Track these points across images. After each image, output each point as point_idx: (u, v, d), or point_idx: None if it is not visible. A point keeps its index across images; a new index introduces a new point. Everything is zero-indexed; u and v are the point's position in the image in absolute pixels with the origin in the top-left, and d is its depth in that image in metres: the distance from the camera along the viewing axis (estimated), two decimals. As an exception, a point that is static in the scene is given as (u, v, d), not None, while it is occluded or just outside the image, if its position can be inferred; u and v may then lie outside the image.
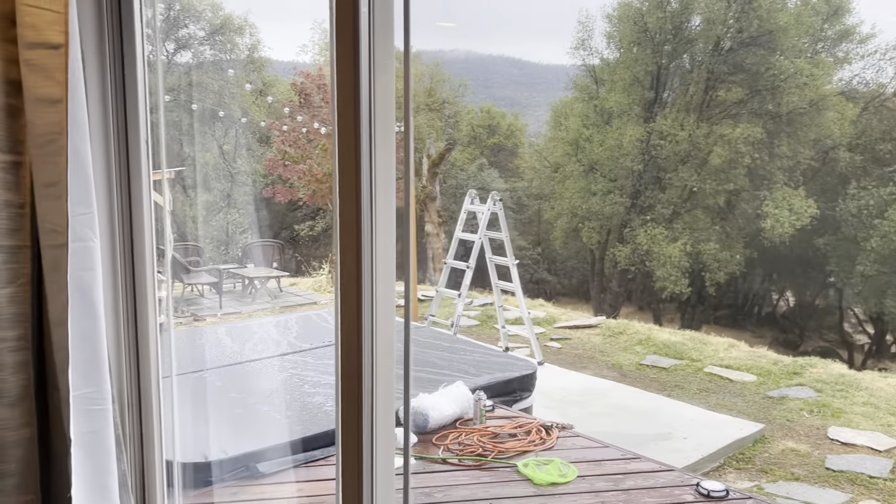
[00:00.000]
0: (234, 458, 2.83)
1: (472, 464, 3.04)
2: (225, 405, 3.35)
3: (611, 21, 18.22)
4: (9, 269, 1.82)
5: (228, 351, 4.33)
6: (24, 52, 1.74)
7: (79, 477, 1.87)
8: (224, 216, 15.07)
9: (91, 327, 1.88)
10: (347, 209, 1.39)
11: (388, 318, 1.48)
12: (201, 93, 15.14)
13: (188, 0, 16.04)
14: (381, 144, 1.37)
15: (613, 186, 17.86)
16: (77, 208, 1.84)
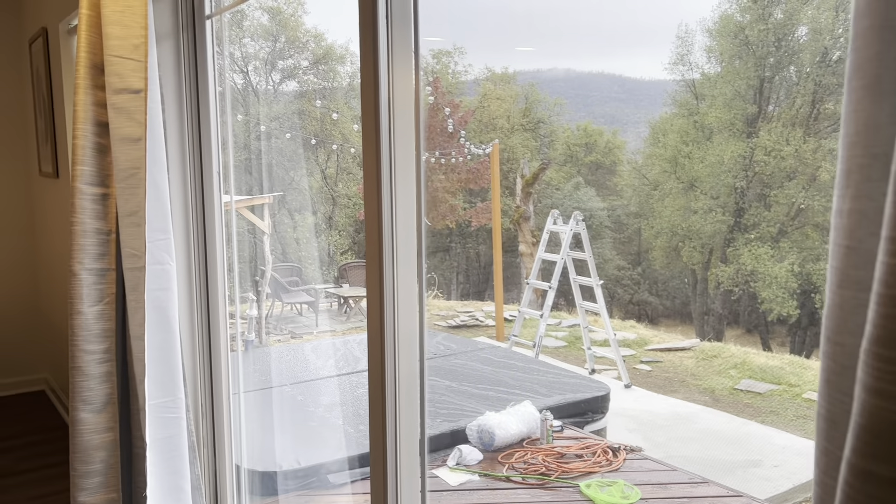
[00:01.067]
0: (307, 469, 2.99)
1: (535, 482, 3.07)
2: (302, 418, 3.54)
3: (711, 35, 17.75)
4: (97, 290, 2.05)
5: (312, 367, 4.55)
6: (110, 98, 1.98)
7: (154, 478, 2.06)
8: (325, 237, 15.68)
9: (167, 341, 2.08)
10: (372, 234, 1.50)
11: (411, 340, 1.56)
12: (304, 120, 15.89)
13: (293, 33, 16.92)
14: (402, 163, 1.46)
15: (715, 204, 17.27)
16: (155, 234, 2.05)
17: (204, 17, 2.20)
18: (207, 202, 2.29)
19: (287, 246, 14.08)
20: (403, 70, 1.44)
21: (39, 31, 3.63)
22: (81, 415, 2.03)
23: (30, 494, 3.02)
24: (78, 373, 2.02)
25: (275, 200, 10.47)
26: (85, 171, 2.02)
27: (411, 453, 1.60)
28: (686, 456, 5.07)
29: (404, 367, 1.55)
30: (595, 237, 18.84)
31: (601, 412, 4.07)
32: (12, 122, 4.28)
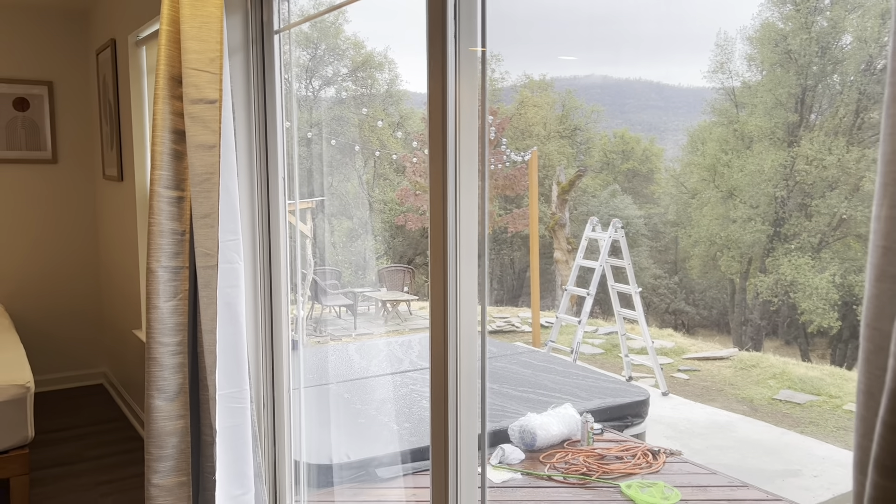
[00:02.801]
0: (356, 462, 3.12)
1: (576, 482, 3.15)
2: (350, 414, 3.67)
3: (751, 43, 17.60)
4: (172, 286, 2.20)
5: (356, 366, 4.69)
6: (187, 107, 2.13)
7: (221, 464, 2.20)
8: (361, 242, 15.90)
9: (235, 336, 2.22)
10: (437, 237, 1.61)
11: (471, 340, 1.67)
12: (343, 126, 16.15)
13: (333, 41, 17.22)
14: (466, 172, 1.57)
15: (754, 213, 17.09)
16: (226, 235, 2.19)
17: (273, 31, 2.34)
18: (273, 206, 2.43)
19: (325, 250, 14.34)
20: (468, 82, 1.55)
21: (108, 42, 3.84)
22: (156, 402, 2.18)
23: (99, 479, 3.20)
24: (153, 363, 2.17)
25: (316, 205, 10.70)
26: (162, 176, 2.17)
27: (470, 448, 1.71)
28: (724, 464, 5.08)
29: (465, 366, 1.65)
30: (631, 245, 18.75)
31: (640, 417, 4.13)
32: (79, 128, 4.51)
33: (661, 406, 6.33)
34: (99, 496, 3.05)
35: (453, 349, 1.65)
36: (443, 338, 1.65)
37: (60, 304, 4.56)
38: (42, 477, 3.20)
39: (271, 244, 2.48)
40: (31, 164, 4.37)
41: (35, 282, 4.47)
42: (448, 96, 1.54)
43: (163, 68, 2.16)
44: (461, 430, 1.70)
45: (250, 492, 2.28)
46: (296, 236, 8.49)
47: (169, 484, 2.21)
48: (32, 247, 4.45)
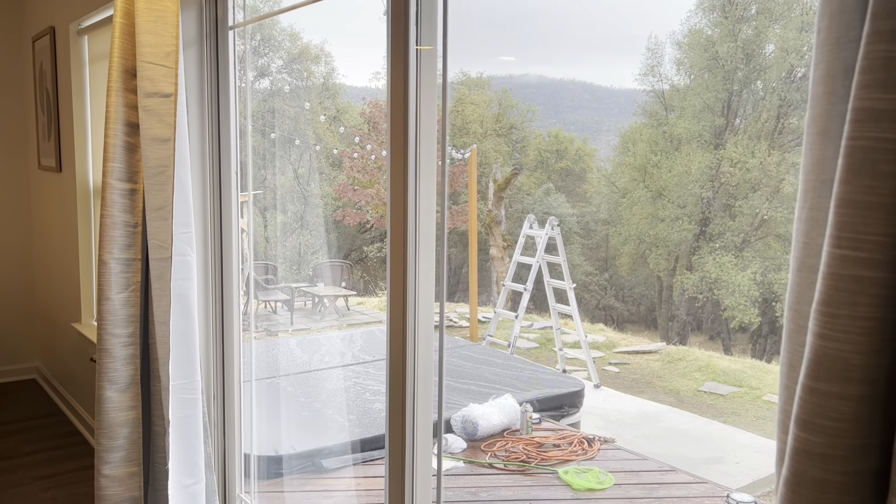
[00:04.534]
0: (302, 454, 3.16)
1: (516, 469, 3.28)
2: (294, 407, 3.70)
3: (681, 48, 18.24)
4: (124, 278, 2.21)
5: (298, 360, 4.71)
6: (142, 100, 2.14)
7: (174, 454, 2.22)
8: (297, 237, 15.75)
9: (187, 328, 2.25)
10: (397, 233, 1.69)
11: (428, 333, 1.76)
12: (278, 119, 15.95)
13: (269, 32, 16.97)
14: (425, 170, 1.66)
15: (682, 213, 17.74)
16: (179, 228, 2.21)
17: (227, 27, 2.37)
18: (224, 199, 2.46)
19: (260, 245, 14.15)
20: (428, 81, 1.63)
21: (46, 30, 3.74)
22: (107, 393, 2.18)
23: (38, 474, 3.15)
24: (105, 354, 2.17)
25: (252, 199, 10.57)
26: (115, 168, 2.18)
27: (426, 437, 1.79)
28: (653, 452, 5.33)
29: (422, 358, 1.73)
30: (565, 243, 19.21)
31: (576, 406, 4.30)
32: (11, 117, 4.37)
33: (594, 398, 6.57)
34: (39, 490, 3.00)
35: (411, 343, 1.73)
36: (401, 331, 1.73)
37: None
38: (-25, 474, 3.13)
39: (223, 237, 2.50)
40: (-41, 152, 4.22)
41: (-38, 274, 4.32)
42: (409, 94, 1.61)
43: (116, 60, 2.16)
44: (417, 420, 1.78)
45: (201, 482, 2.31)
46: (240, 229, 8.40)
47: (120, 475, 2.22)
48: (-40, 238, 4.30)
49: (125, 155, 2.20)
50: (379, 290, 15.68)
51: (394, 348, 1.76)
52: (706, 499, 2.97)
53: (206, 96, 2.41)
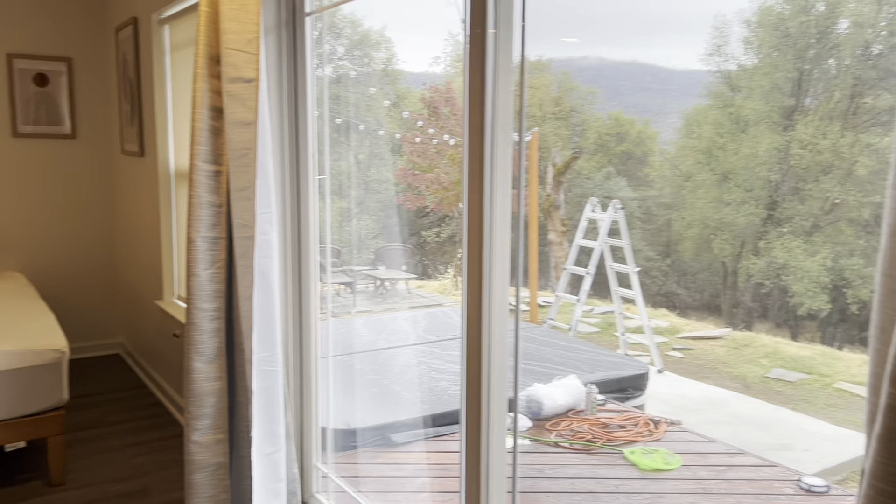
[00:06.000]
0: (373, 428, 3.27)
1: (581, 448, 3.32)
2: (364, 384, 3.82)
3: (749, 26, 17.66)
4: (210, 255, 2.33)
5: (365, 340, 4.83)
6: (226, 85, 2.24)
7: (256, 423, 2.34)
8: (359, 221, 15.99)
9: (268, 303, 2.35)
10: (474, 216, 1.74)
11: (502, 315, 1.81)
12: (340, 106, 16.17)
13: (331, 20, 17.18)
14: (501, 154, 1.70)
15: (748, 197, 17.25)
16: (261, 208, 2.31)
17: (304, 14, 2.45)
18: (302, 180, 2.55)
19: (323, 228, 14.41)
20: (505, 66, 1.67)
21: (129, 20, 3.92)
22: (195, 364, 2.31)
23: (126, 441, 3.34)
24: (193, 327, 2.29)
25: (318, 183, 10.79)
26: (202, 151, 2.29)
27: (500, 415, 1.84)
28: (718, 437, 5.28)
29: (496, 339, 1.78)
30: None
31: (640, 389, 4.29)
32: (97, 104, 4.60)
33: (658, 383, 6.51)
34: (128, 457, 3.19)
35: (486, 324, 1.78)
36: (477, 313, 1.78)
37: (77, 275, 4.67)
38: (71, 440, 3.34)
39: (300, 218, 2.60)
40: (50, 139, 4.46)
41: (53, 254, 4.58)
42: (486, 79, 1.65)
43: (202, 48, 2.27)
44: (492, 399, 1.84)
45: (281, 450, 2.43)
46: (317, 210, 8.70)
47: (207, 441, 2.35)
48: (51, 220, 4.55)
49: (210, 138, 2.31)
50: (438, 274, 15.79)
51: (470, 329, 1.81)
52: (776, 482, 2.95)
53: (284, 82, 2.50)
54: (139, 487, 2.92)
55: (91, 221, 4.67)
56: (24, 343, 2.87)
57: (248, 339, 2.29)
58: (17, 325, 3.11)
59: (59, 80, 4.43)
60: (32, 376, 2.81)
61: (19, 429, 2.80)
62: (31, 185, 4.45)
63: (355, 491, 2.58)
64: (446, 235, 17.19)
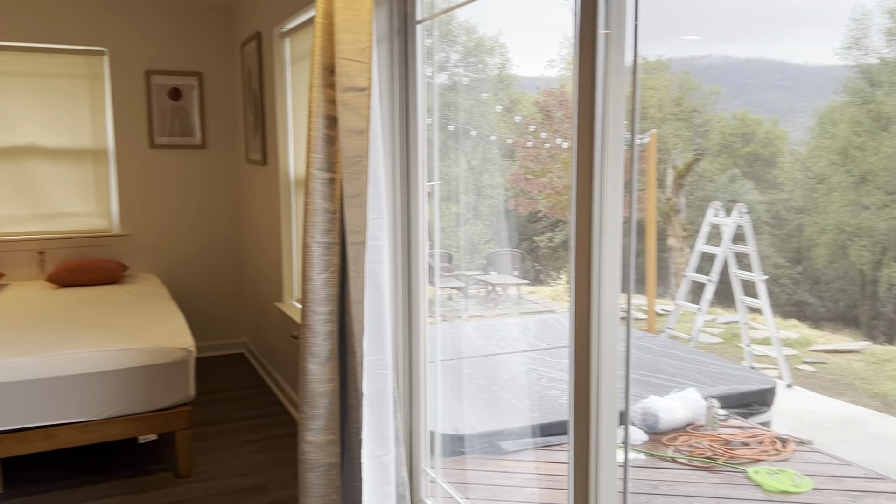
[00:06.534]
0: (481, 434, 3.25)
1: (700, 465, 3.15)
2: (473, 389, 3.81)
3: (892, 16, 16.36)
4: (324, 260, 2.39)
5: (475, 345, 4.83)
6: (339, 95, 2.29)
7: (367, 425, 2.38)
8: (471, 226, 16.09)
9: (379, 307, 2.39)
10: (582, 221, 1.68)
11: (613, 323, 1.73)
12: (454, 112, 16.35)
13: (446, 27, 17.42)
14: (612, 157, 1.64)
15: (890, 200, 15.94)
16: (372, 214, 2.35)
17: (415, 21, 2.47)
18: (412, 188, 2.58)
19: (437, 233, 14.60)
20: (616, 67, 1.61)
21: (253, 35, 4.12)
22: (309, 366, 2.37)
23: (247, 438, 3.50)
24: (308, 330, 2.36)
25: (430, 189, 10.95)
26: (317, 159, 2.35)
27: (610, 428, 1.77)
28: (854, 459, 4.89)
29: (606, 349, 1.72)
30: (752, 232, 17.94)
31: (766, 405, 4.03)
32: (224, 116, 4.87)
33: (786, 398, 6.11)
34: (248, 453, 3.34)
35: (595, 332, 1.72)
36: (586, 321, 1.72)
37: (206, 277, 4.96)
38: (197, 434, 3.54)
39: (410, 224, 2.63)
40: (182, 150, 4.77)
41: (184, 257, 4.89)
42: (597, 80, 1.60)
43: (317, 59, 2.33)
44: (601, 410, 1.77)
45: (391, 453, 2.45)
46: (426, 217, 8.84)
47: (320, 441, 2.41)
48: (182, 225, 4.86)
49: (325, 147, 2.37)
50: (550, 280, 15.59)
51: (578, 337, 1.75)
52: (923, 513, 2.68)
53: (396, 89, 2.53)
54: (257, 483, 3.04)
55: (219, 227, 4.95)
56: (155, 342, 3.07)
57: (359, 342, 2.34)
58: (150, 325, 3.33)
59: (191, 93, 4.72)
60: (162, 373, 3.00)
61: (151, 422, 2.99)
62: (165, 192, 4.77)
63: (463, 497, 2.57)
64: (559, 241, 16.97)
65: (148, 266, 4.79)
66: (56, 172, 4.52)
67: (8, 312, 3.59)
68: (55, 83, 4.46)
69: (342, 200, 2.36)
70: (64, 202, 4.57)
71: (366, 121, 2.29)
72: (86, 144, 4.58)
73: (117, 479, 3.09)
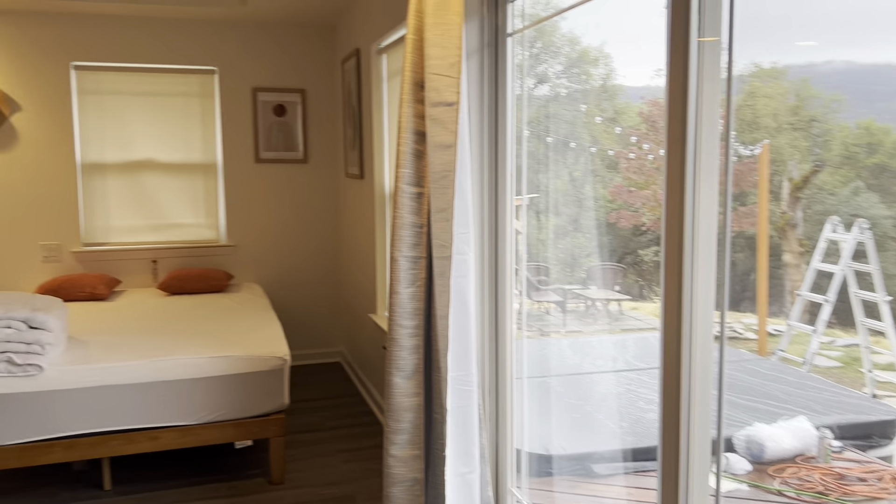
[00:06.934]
0: (572, 456, 3.16)
1: (810, 500, 2.93)
2: (565, 408, 3.71)
3: None
4: (411, 274, 2.39)
5: (569, 362, 4.71)
6: (428, 110, 2.29)
7: (451, 441, 2.35)
8: (570, 239, 15.88)
9: (464, 322, 2.36)
10: (672, 235, 1.59)
11: (706, 343, 1.63)
12: (556, 124, 16.22)
13: (549, 38, 17.34)
14: (705, 168, 1.54)
15: None
16: (458, 228, 2.34)
17: (506, 34, 2.44)
18: (500, 202, 2.54)
19: (534, 246, 14.50)
20: (710, 75, 1.52)
21: (353, 52, 4.22)
22: (395, 379, 2.38)
23: (339, 447, 3.56)
24: (394, 343, 2.37)
25: (528, 201, 10.86)
26: (405, 174, 2.36)
27: (702, 454, 1.67)
28: None
29: (698, 370, 1.62)
30: (877, 249, 16.72)
31: (888, 438, 3.71)
32: (325, 131, 5.02)
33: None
34: (339, 462, 3.39)
35: (686, 352, 1.63)
36: (676, 340, 1.63)
37: (305, 287, 5.11)
38: (292, 441, 3.63)
39: (497, 238, 2.59)
40: (286, 164, 4.95)
41: (285, 267, 5.05)
42: (689, 89, 1.52)
43: (408, 74, 2.35)
44: (693, 435, 1.67)
45: (475, 471, 2.42)
46: (514, 231, 8.74)
47: (405, 456, 2.41)
48: (284, 236, 5.03)
49: (413, 161, 2.38)
50: (654, 296, 15.12)
51: (667, 357, 1.66)
52: None
53: (485, 103, 2.51)
54: (346, 493, 3.08)
55: (318, 238, 5.09)
56: (252, 350, 3.17)
57: (443, 357, 2.32)
58: (249, 334, 3.45)
59: (295, 109, 4.90)
60: (258, 381, 3.09)
61: (247, 428, 3.09)
62: (269, 205, 4.96)
63: (549, 521, 2.49)
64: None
65: (252, 275, 4.99)
66: (170, 185, 4.80)
67: (122, 318, 3.82)
68: (170, 101, 4.74)
69: (429, 215, 2.36)
70: (176, 214, 4.83)
71: (454, 135, 2.28)
72: (197, 159, 4.83)
73: (214, 482, 3.21)
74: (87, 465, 3.31)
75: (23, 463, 2.85)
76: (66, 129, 4.54)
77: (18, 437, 2.84)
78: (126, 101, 4.66)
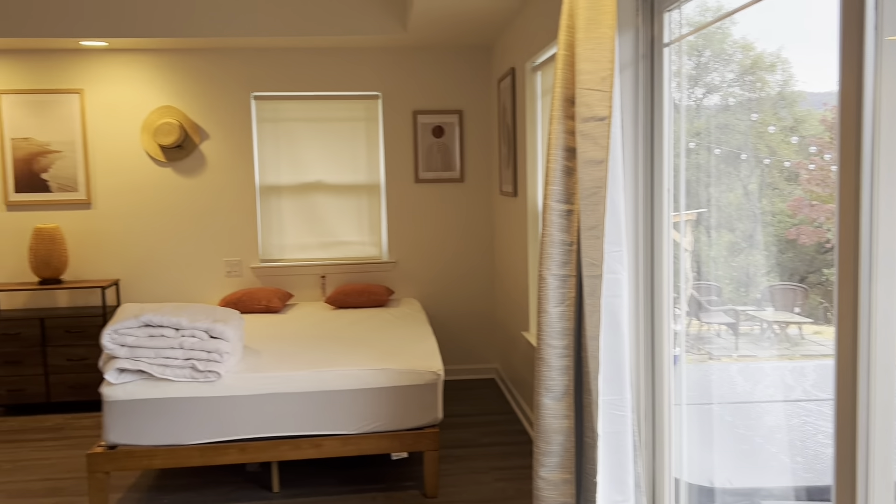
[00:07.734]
0: (738, 490, 2.93)
1: None
2: (732, 439, 3.46)
3: None
4: (560, 293, 2.35)
5: (739, 389, 4.40)
6: (578, 125, 2.25)
7: (602, 468, 2.27)
8: (745, 257, 14.89)
9: (616, 344, 2.28)
10: (846, 254, 1.44)
11: (889, 372, 1.45)
12: (727, 134, 15.32)
13: (719, 46, 16.47)
14: (885, 179, 1.38)
15: None
16: (610, 246, 2.26)
17: (662, 45, 2.35)
18: (656, 218, 2.44)
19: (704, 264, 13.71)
20: (891, 76, 1.36)
21: (508, 71, 4.25)
22: (544, 400, 2.34)
23: (492, 465, 3.57)
24: (542, 363, 2.33)
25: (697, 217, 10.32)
26: (555, 191, 2.33)
27: (884, 498, 1.49)
28: None
29: (879, 403, 1.45)
30: None
31: None
32: (480, 150, 5.10)
33: None
34: (493, 480, 3.38)
35: (864, 382, 1.46)
36: (852, 369, 1.47)
37: (461, 303, 5.19)
38: (445, 455, 3.68)
39: (654, 257, 2.48)
40: (443, 183, 5.07)
41: (442, 283, 5.17)
42: (864, 93, 1.37)
43: (558, 90, 2.32)
44: (871, 476, 1.49)
45: (630, 500, 2.31)
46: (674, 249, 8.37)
47: (554, 479, 2.36)
48: (441, 253, 5.15)
49: (563, 178, 2.34)
50: (842, 319, 13.76)
51: (841, 387, 1.50)
52: None
53: (640, 116, 2.42)
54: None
55: (474, 256, 5.16)
56: (408, 364, 3.26)
57: (594, 379, 2.25)
58: (405, 348, 3.55)
59: (453, 130, 5.01)
60: (413, 394, 3.17)
61: (403, 440, 3.17)
62: (427, 223, 5.10)
63: (710, 560, 2.33)
64: (854, 274, 14.94)
65: (411, 291, 5.15)
66: (337, 205, 5.08)
67: (292, 329, 4.08)
68: (338, 126, 5.03)
69: (579, 232, 2.31)
70: (343, 232, 5.11)
71: (605, 150, 2.22)
72: (362, 180, 5.08)
73: (372, 491, 3.32)
74: (259, 467, 3.56)
75: (203, 462, 3.11)
76: (246, 154, 4.95)
77: (199, 438, 3.11)
78: (299, 127, 5.01)
